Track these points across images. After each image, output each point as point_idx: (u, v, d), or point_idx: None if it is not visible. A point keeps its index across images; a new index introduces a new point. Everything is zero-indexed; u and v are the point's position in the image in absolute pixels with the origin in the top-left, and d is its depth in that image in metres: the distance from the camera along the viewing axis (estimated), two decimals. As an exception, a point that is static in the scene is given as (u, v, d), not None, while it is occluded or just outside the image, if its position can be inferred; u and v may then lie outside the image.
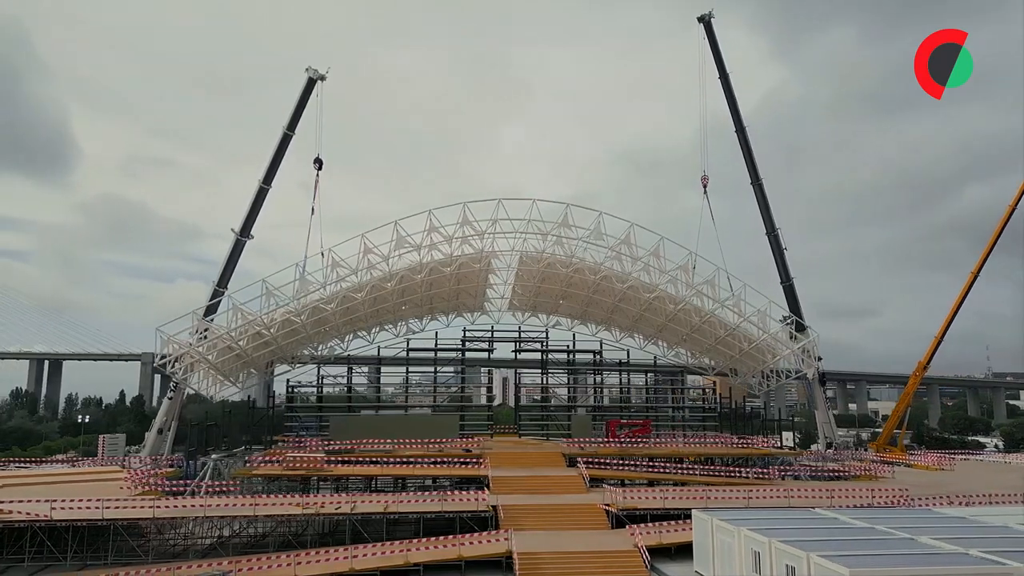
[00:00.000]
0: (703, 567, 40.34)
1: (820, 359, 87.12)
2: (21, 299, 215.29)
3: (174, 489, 55.13)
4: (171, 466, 64.95)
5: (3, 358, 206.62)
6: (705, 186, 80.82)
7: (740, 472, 62.51)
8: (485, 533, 44.14)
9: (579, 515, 50.36)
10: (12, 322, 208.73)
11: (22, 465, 76.31)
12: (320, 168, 74.24)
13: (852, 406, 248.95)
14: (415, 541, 43.51)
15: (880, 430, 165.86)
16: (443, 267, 66.87)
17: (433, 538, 43.90)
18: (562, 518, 49.91)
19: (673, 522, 45.86)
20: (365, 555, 41.91)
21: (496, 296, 76.86)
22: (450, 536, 43.88)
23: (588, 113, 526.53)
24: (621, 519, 48.28)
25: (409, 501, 49.69)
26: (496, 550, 42.29)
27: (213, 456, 63.14)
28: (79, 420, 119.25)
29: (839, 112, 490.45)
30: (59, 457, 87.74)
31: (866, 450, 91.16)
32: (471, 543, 43.12)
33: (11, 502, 46.91)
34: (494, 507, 49.69)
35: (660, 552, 44.24)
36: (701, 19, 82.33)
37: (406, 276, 66.28)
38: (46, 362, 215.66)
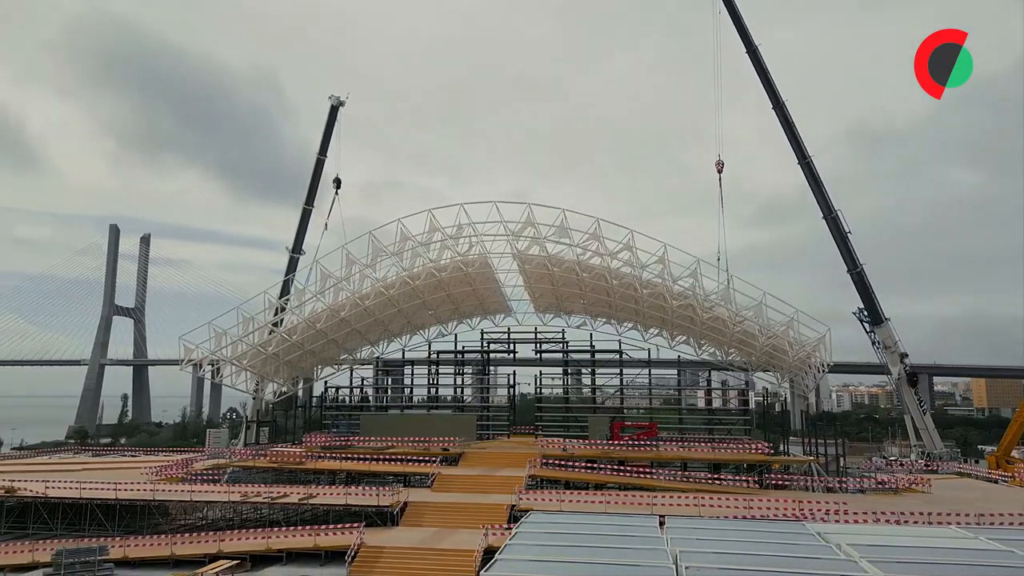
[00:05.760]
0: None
1: (906, 355, 76.14)
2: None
3: (179, 476, 64.14)
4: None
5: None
6: (720, 172, 74.61)
7: (731, 480, 58.09)
8: (340, 526, 46.93)
9: (482, 514, 50.36)
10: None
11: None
12: (339, 187, 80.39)
13: None
14: (277, 529, 47.21)
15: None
16: (438, 272, 69.42)
17: (294, 527, 47.30)
18: (464, 516, 50.55)
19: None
20: (232, 540, 46.54)
21: (515, 298, 77.62)
22: (307, 527, 46.97)
23: (814, 92, 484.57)
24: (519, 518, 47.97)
25: (321, 495, 53.53)
26: (344, 542, 44.65)
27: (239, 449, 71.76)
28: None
29: None
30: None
31: (977, 462, 77.56)
32: (326, 534, 46.01)
33: (24, 482, 58.08)
34: (405, 503, 51.98)
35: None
36: (717, -7, 76.21)
37: (405, 282, 69.69)
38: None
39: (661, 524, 34.02)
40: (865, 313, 75.94)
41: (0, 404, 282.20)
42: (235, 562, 43.33)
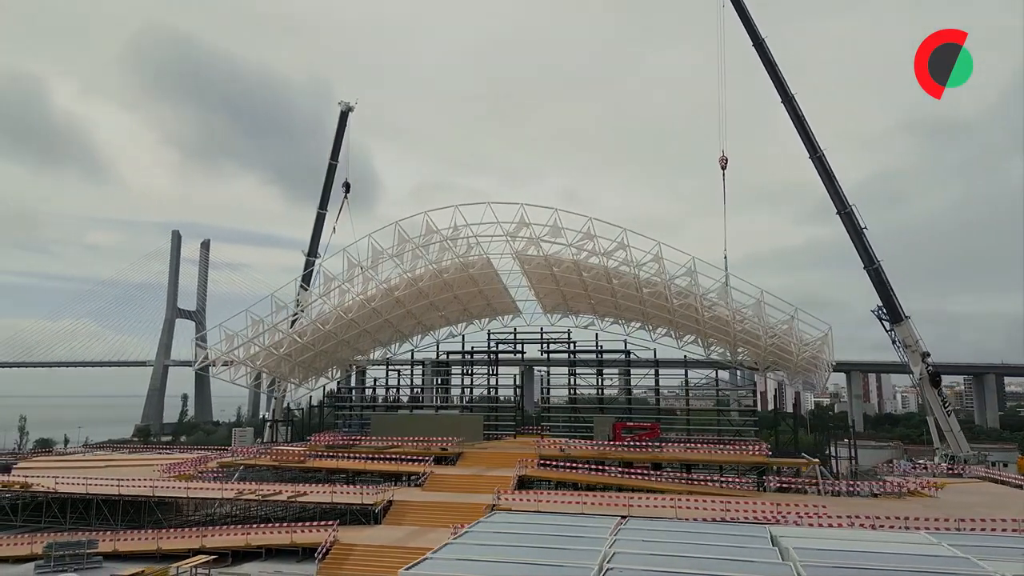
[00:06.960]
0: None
1: (927, 355, 73.15)
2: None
3: (190, 474, 66.24)
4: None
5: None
6: (724, 168, 72.83)
7: (730, 482, 57.14)
8: (316, 523, 47.74)
9: (463, 514, 50.20)
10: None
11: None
12: (348, 191, 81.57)
13: None
14: (257, 526, 48.42)
15: None
16: (441, 273, 70.00)
17: (272, 524, 48.46)
18: (445, 516, 50.67)
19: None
20: (215, 535, 47.95)
21: (523, 299, 77.66)
22: (285, 524, 48.07)
23: (870, 83, 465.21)
24: (498, 519, 48.21)
25: (310, 493, 54.61)
26: (319, 539, 45.57)
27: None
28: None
29: None
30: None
31: (1006, 466, 73.84)
32: (302, 531, 46.98)
33: (38, 478, 60.90)
34: (389, 501, 52.71)
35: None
36: (722, -16, 74.44)
37: (411, 283, 70.50)
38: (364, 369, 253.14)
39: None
40: (884, 311, 73.30)
41: (75, 404, 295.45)
42: (213, 557, 44.63)
